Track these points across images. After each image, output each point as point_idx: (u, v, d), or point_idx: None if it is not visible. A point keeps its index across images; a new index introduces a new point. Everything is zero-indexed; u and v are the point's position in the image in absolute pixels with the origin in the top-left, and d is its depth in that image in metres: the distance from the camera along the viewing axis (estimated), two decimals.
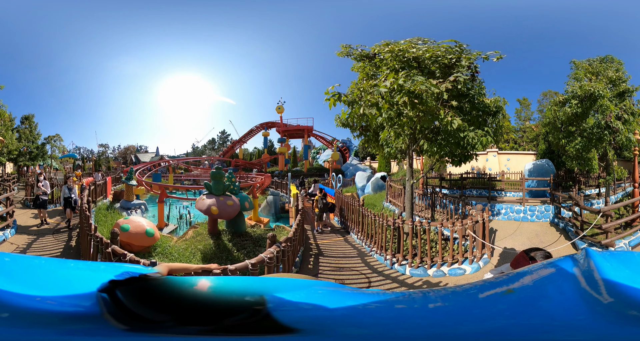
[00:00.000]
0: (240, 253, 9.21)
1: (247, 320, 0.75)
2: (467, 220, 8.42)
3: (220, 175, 10.72)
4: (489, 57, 8.91)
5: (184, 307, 0.79)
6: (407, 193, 10.43)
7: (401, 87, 7.93)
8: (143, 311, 0.76)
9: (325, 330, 0.76)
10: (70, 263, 1.24)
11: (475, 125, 9.67)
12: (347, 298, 0.95)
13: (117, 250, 6.06)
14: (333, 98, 8.40)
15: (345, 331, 0.77)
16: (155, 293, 0.80)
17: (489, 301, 0.88)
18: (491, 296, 0.90)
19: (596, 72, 16.56)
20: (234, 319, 0.75)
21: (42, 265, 1.10)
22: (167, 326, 0.74)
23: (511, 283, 0.96)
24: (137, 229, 8.67)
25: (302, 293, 0.94)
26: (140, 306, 0.76)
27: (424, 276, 7.90)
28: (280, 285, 1.01)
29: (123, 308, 0.76)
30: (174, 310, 0.77)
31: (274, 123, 45.36)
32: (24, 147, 30.86)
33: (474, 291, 0.97)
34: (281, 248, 6.56)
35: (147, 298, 0.79)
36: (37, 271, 1.02)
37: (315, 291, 1.00)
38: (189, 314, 0.76)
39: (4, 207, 10.84)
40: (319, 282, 1.11)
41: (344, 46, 9.78)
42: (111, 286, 0.79)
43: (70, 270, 1.14)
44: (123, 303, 0.77)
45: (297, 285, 1.05)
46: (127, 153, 59.52)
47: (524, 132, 33.57)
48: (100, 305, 0.78)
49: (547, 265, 1.05)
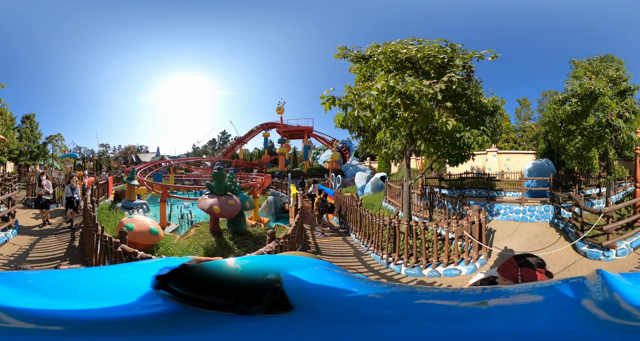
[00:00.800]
0: (241, 250, 9.40)
1: (274, 298, 0.75)
2: (463, 221, 8.44)
3: (222, 176, 10.88)
4: (483, 56, 8.87)
5: (236, 289, 0.79)
6: (405, 194, 10.47)
7: (392, 89, 7.96)
8: (209, 298, 0.76)
9: (319, 309, 0.76)
10: (94, 272, 1.24)
11: (473, 126, 9.68)
12: (344, 282, 0.98)
13: (127, 249, 6.15)
14: (328, 102, 8.45)
15: (339, 313, 0.77)
16: (204, 279, 0.80)
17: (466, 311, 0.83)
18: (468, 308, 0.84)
19: (596, 71, 16.53)
20: (266, 297, 0.75)
21: (65, 278, 1.08)
22: (240, 309, 0.74)
23: (489, 298, 0.91)
24: (142, 228, 8.80)
25: (305, 272, 0.95)
26: (203, 294, 0.76)
27: (419, 276, 7.94)
28: (292, 263, 1.03)
29: (188, 298, 0.76)
30: (231, 293, 0.77)
31: (274, 124, 45.39)
32: (25, 147, 30.94)
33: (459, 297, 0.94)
34: (279, 243, 6.73)
35: (201, 285, 0.79)
36: (69, 284, 1.01)
37: (318, 271, 1.02)
38: (242, 295, 0.76)
39: (5, 207, 10.80)
40: (320, 262, 1.12)
41: (341, 48, 9.81)
42: (162, 282, 0.79)
43: (103, 278, 1.12)
44: (185, 295, 0.77)
45: (303, 263, 1.06)
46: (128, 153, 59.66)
47: (524, 132, 33.54)
48: (171, 300, 0.77)
49: (544, 288, 0.97)
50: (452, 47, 8.96)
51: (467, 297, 0.94)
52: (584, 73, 16.37)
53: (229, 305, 0.74)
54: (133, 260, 5.84)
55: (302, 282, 0.87)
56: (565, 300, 0.81)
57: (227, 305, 0.74)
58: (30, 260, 8.50)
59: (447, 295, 0.97)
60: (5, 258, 8.47)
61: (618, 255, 8.54)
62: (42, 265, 8.06)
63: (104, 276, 1.14)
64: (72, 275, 1.15)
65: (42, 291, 0.90)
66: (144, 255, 5.86)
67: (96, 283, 1.04)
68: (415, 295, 0.97)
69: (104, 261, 6.99)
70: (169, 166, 30.57)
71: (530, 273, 2.24)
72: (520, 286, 1.12)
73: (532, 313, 0.78)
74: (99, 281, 1.06)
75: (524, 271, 2.23)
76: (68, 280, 1.06)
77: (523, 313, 0.79)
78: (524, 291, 0.98)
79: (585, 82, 14.97)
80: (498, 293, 0.98)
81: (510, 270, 2.28)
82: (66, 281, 1.04)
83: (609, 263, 8.25)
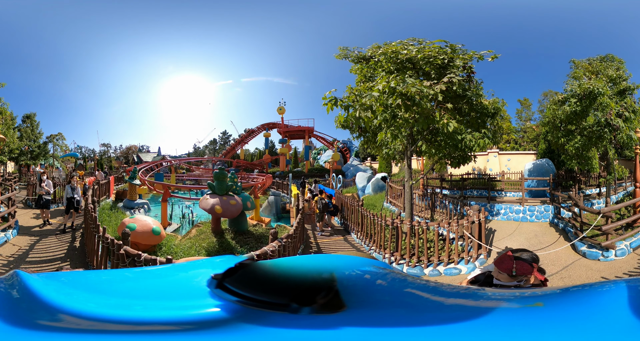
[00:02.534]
0: (244, 248, 9.43)
1: (327, 298, 0.76)
2: (464, 221, 8.49)
3: (224, 176, 10.94)
4: (483, 57, 8.89)
5: (290, 288, 0.79)
6: (407, 194, 10.50)
7: (393, 90, 7.99)
8: (265, 296, 0.77)
9: (369, 309, 0.77)
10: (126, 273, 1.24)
11: (474, 127, 9.70)
12: (399, 281, 0.98)
13: (130, 250, 6.05)
14: (330, 103, 8.48)
15: (388, 312, 0.77)
16: (259, 278, 0.82)
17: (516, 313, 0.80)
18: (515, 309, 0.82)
19: (596, 71, 16.54)
20: (319, 297, 0.76)
21: (129, 276, 1.10)
22: (293, 308, 0.74)
23: (544, 299, 0.86)
24: (144, 228, 8.80)
25: (360, 272, 0.97)
26: (258, 293, 0.77)
27: (420, 274, 7.98)
28: (346, 263, 1.04)
29: (244, 297, 0.77)
30: (287, 291, 0.78)
31: (275, 124, 45.40)
32: (26, 146, 30.94)
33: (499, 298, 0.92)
34: (282, 243, 6.74)
35: (256, 284, 0.80)
36: (118, 284, 1.02)
37: (372, 272, 1.02)
38: (298, 294, 0.77)
39: (5, 207, 10.73)
40: (375, 262, 1.13)
41: (342, 49, 9.85)
42: (219, 281, 0.81)
43: (143, 279, 1.12)
44: (240, 293, 0.78)
45: (357, 263, 1.07)
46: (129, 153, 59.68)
47: (525, 132, 33.54)
48: (228, 299, 0.78)
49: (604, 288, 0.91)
50: (452, 48, 8.98)
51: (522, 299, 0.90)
52: (584, 73, 16.39)
53: (282, 303, 0.75)
54: (136, 261, 5.79)
55: (356, 281, 0.88)
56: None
57: (281, 303, 0.75)
58: (30, 260, 8.43)
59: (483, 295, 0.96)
60: (5, 258, 8.38)
61: (617, 256, 8.48)
62: (42, 266, 8.01)
63: (146, 278, 1.14)
64: (111, 276, 1.17)
65: (103, 291, 0.92)
66: (148, 257, 5.74)
67: (144, 283, 1.05)
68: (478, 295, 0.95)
69: (105, 263, 6.90)
70: (170, 166, 30.58)
71: (525, 266, 2.33)
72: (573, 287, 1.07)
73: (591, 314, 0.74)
74: (150, 281, 1.07)
75: (519, 264, 2.33)
76: (111, 281, 1.08)
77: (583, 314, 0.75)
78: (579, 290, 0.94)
79: (584, 82, 14.98)
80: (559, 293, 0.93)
81: (506, 263, 2.36)
82: (114, 281, 1.06)
83: (607, 264, 8.19)
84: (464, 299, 0.93)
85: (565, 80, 16.64)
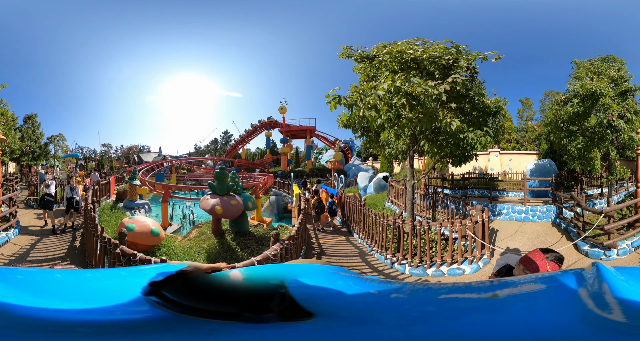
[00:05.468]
0: (244, 251, 9.31)
1: (280, 306, 0.74)
2: (467, 221, 8.45)
3: (224, 175, 10.86)
4: (487, 58, 8.89)
5: (236, 297, 0.78)
6: (408, 194, 10.47)
7: (398, 89, 7.96)
8: (208, 306, 0.75)
9: (339, 314, 0.75)
10: (87, 274, 1.21)
11: (476, 126, 9.68)
12: (359, 285, 0.97)
13: (126, 250, 6.10)
14: (334, 102, 8.45)
15: (361, 316, 0.76)
16: (202, 287, 0.80)
17: (477, 303, 0.84)
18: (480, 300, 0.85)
19: (597, 71, 16.50)
20: (272, 304, 0.74)
21: (56, 278, 1.07)
22: (246, 317, 0.72)
23: (499, 289, 0.92)
24: (143, 229, 8.76)
25: (316, 278, 0.95)
26: (198, 301, 0.75)
27: (423, 275, 7.95)
28: (298, 270, 1.03)
29: (182, 306, 0.75)
30: (233, 301, 0.76)
31: (277, 124, 45.39)
32: (27, 147, 30.97)
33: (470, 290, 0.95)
34: (284, 245, 6.62)
35: (199, 293, 0.78)
36: (58, 284, 1.00)
37: (329, 276, 1.01)
38: (245, 303, 0.75)
39: (7, 207, 10.77)
40: (332, 267, 1.11)
41: (345, 48, 9.82)
42: (155, 289, 0.78)
43: (94, 280, 1.11)
44: (179, 302, 0.75)
45: (311, 270, 1.06)
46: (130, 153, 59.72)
47: (526, 132, 33.49)
48: (160, 307, 0.76)
49: (547, 278, 0.99)
50: (457, 48, 8.97)
51: (480, 289, 0.96)
52: (586, 73, 16.34)
53: (232, 313, 0.73)
54: (132, 261, 5.83)
55: (314, 288, 0.86)
56: (565, 289, 0.84)
57: (230, 313, 0.73)
58: (31, 260, 8.52)
59: (461, 289, 0.98)
60: (6, 258, 8.48)
61: (619, 255, 8.60)
62: (42, 265, 8.06)
63: (97, 279, 1.13)
64: (65, 276, 1.13)
65: (31, 289, 0.89)
66: (143, 257, 5.83)
67: (87, 285, 1.03)
68: (433, 291, 0.97)
69: (103, 262, 6.94)
70: (171, 166, 30.58)
71: (555, 268, 2.22)
72: (524, 277, 1.14)
73: (538, 301, 0.81)
74: (90, 284, 1.05)
75: (552, 265, 2.21)
76: (60, 280, 1.05)
77: (531, 301, 0.82)
78: (529, 281, 1.02)
79: (586, 82, 14.95)
80: (506, 284, 1.00)
81: (537, 263, 2.23)
82: (57, 281, 1.03)
83: (609, 263, 8.21)
84: (422, 293, 0.94)
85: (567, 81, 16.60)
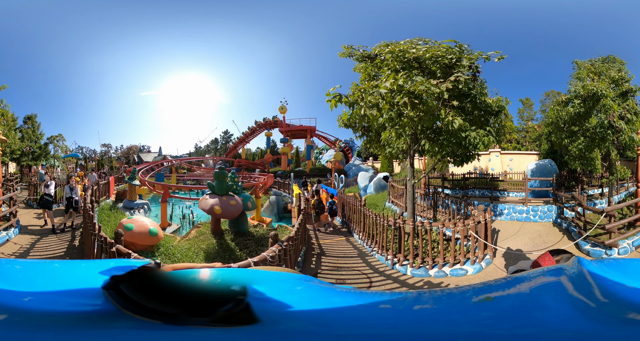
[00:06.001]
0: (243, 252, 9.26)
1: (233, 310, 0.75)
2: (469, 221, 8.40)
3: (224, 175, 10.80)
4: (490, 58, 8.87)
5: (188, 298, 0.78)
6: (409, 193, 10.43)
7: (401, 88, 7.92)
8: (152, 304, 0.75)
9: (284, 323, 0.75)
10: (55, 264, 1.22)
11: (477, 125, 9.64)
12: (322, 296, 0.95)
13: (122, 249, 6.11)
14: (334, 100, 8.40)
15: (304, 327, 0.75)
16: (159, 286, 0.80)
17: (473, 307, 0.86)
18: (476, 303, 0.87)
19: (598, 72, 16.50)
20: (224, 309, 0.75)
21: (24, 267, 1.08)
22: (179, 318, 0.73)
23: (494, 291, 0.94)
24: (141, 228, 8.74)
25: (277, 286, 0.94)
26: (148, 300, 0.76)
27: (426, 276, 7.88)
28: (261, 277, 1.01)
29: (133, 303, 0.75)
30: (181, 301, 0.77)
31: (277, 123, 45.36)
32: (27, 147, 30.96)
33: (467, 294, 0.95)
34: (283, 247, 6.55)
35: (153, 291, 0.78)
36: (22, 272, 1.01)
37: (293, 285, 1.01)
38: (193, 305, 0.75)
39: (7, 207, 10.83)
40: (300, 276, 1.10)
41: (346, 47, 9.78)
42: (115, 282, 0.78)
43: (59, 271, 1.12)
44: (131, 298, 0.76)
45: (276, 277, 1.05)
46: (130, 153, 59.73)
47: (527, 132, 33.47)
48: (112, 301, 0.76)
49: (536, 274, 1.03)
50: (460, 48, 8.95)
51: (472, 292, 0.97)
52: (587, 74, 16.34)
53: (173, 313, 0.73)
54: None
55: (271, 296, 0.85)
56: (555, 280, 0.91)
57: (171, 313, 0.73)
58: (31, 258, 8.50)
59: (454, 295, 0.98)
60: (6, 257, 8.46)
61: (620, 254, 8.64)
62: None
63: (62, 270, 1.14)
64: (29, 266, 1.14)
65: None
66: (137, 257, 5.85)
67: (51, 275, 1.04)
68: (413, 301, 0.96)
69: None
70: (171, 166, 30.55)
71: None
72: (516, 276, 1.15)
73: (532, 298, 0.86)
74: (55, 274, 1.05)
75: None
76: (25, 269, 1.06)
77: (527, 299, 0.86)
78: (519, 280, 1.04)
79: (587, 83, 14.94)
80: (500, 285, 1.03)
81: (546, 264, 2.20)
82: (22, 270, 1.04)
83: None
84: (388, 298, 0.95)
85: (568, 81, 16.62)
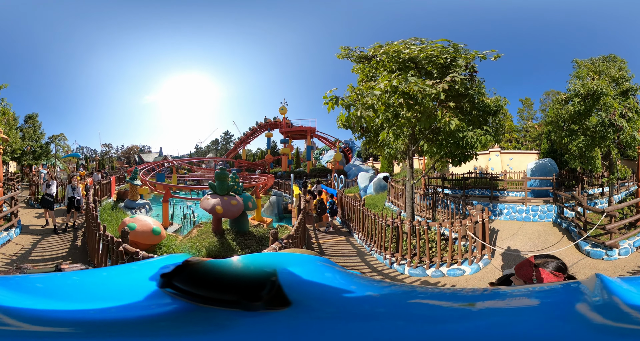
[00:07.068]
0: (244, 251, 9.37)
1: (269, 293, 0.76)
2: (467, 221, 8.42)
3: (225, 176, 10.89)
4: (486, 56, 8.84)
5: (238, 285, 0.79)
6: (408, 193, 10.46)
7: (395, 89, 7.94)
8: (213, 294, 0.76)
9: (313, 305, 0.77)
10: (103, 272, 1.22)
11: (476, 125, 9.65)
12: (342, 278, 0.99)
13: (129, 248, 6.15)
14: (331, 102, 8.44)
15: (333, 310, 0.77)
16: (207, 276, 0.81)
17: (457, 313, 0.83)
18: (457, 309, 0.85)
19: (599, 70, 16.48)
20: (264, 292, 0.76)
21: (74, 281, 1.08)
22: (243, 305, 0.74)
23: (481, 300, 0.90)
24: (144, 228, 8.82)
25: (305, 268, 0.96)
26: (207, 291, 0.77)
27: (423, 276, 7.92)
28: (290, 259, 1.04)
29: (195, 296, 0.77)
30: (234, 289, 0.78)
31: (277, 124, 45.38)
32: (28, 146, 31.00)
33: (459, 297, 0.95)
34: (283, 244, 6.65)
35: (205, 282, 0.79)
36: (77, 286, 1.01)
37: (317, 266, 1.03)
38: (244, 291, 0.77)
39: (8, 207, 10.77)
40: (319, 258, 1.13)
41: (343, 48, 9.80)
42: (167, 280, 0.80)
43: (111, 278, 1.12)
44: (192, 292, 0.77)
45: (302, 260, 1.07)
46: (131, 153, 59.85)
47: (527, 132, 33.46)
48: (180, 298, 0.77)
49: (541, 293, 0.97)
50: (455, 47, 8.93)
51: (461, 298, 0.95)
52: (587, 73, 16.32)
53: (234, 301, 0.75)
54: (134, 259, 5.84)
55: (299, 277, 0.88)
56: (560, 304, 0.81)
57: (232, 301, 0.75)
58: (32, 259, 8.54)
59: (444, 295, 0.98)
60: (8, 257, 8.50)
61: (621, 255, 8.55)
62: (43, 264, 8.06)
63: (111, 277, 1.13)
64: (80, 277, 1.14)
65: (50, 294, 0.90)
66: (145, 255, 5.86)
67: (104, 283, 1.04)
68: (411, 294, 0.97)
69: (105, 261, 6.99)
70: (171, 166, 30.61)
71: (546, 275, 2.14)
72: (519, 288, 1.13)
73: (521, 316, 0.79)
74: (107, 282, 1.06)
75: (539, 272, 2.14)
76: (76, 282, 1.06)
77: (511, 316, 0.79)
78: (521, 294, 1.00)
79: (587, 82, 14.92)
80: (495, 295, 0.99)
81: (525, 269, 2.20)
82: (74, 283, 1.04)
83: (611, 263, 8.22)
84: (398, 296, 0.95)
85: (568, 80, 16.59)
